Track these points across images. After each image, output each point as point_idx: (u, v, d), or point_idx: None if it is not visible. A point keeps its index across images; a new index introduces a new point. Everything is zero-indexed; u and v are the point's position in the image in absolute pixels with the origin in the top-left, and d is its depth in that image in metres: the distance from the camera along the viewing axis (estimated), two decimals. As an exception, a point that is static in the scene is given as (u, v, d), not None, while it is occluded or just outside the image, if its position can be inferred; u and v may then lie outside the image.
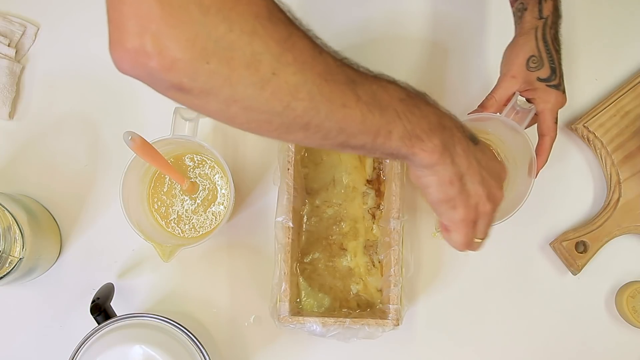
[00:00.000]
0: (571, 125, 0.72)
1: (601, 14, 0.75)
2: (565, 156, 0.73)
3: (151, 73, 0.34)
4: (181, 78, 0.34)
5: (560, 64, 0.59)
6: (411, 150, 0.44)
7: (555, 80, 0.59)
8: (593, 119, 0.70)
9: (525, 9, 0.60)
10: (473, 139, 0.49)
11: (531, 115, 0.61)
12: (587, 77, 0.74)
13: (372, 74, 0.43)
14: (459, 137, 0.47)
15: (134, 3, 0.33)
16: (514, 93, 0.60)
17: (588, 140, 0.71)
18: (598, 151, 0.71)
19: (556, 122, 0.61)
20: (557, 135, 0.61)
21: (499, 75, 0.62)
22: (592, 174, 0.73)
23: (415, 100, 0.44)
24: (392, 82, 0.44)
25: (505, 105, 0.61)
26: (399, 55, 0.74)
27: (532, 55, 0.59)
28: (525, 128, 0.62)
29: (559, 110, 0.61)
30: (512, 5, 0.63)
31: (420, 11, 0.75)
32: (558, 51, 0.59)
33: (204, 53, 0.34)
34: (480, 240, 0.52)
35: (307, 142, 0.41)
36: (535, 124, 0.63)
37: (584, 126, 0.70)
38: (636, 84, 0.71)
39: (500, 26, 0.74)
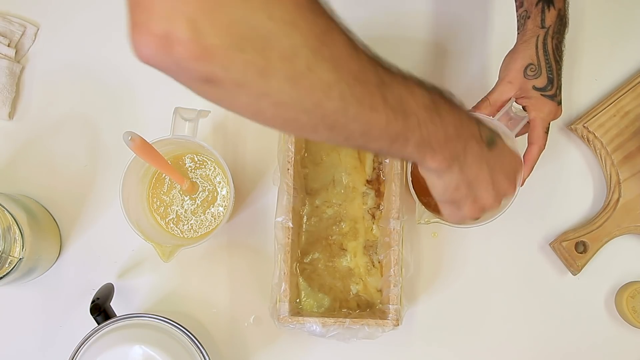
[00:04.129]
0: (571, 125, 0.72)
1: (601, 13, 0.75)
2: (564, 156, 0.73)
3: (179, 62, 0.31)
4: (213, 68, 0.31)
5: (559, 75, 0.59)
6: (421, 158, 0.44)
7: (551, 90, 0.59)
8: (593, 119, 0.70)
9: (529, 17, 0.60)
10: (490, 142, 0.48)
11: (523, 123, 0.61)
12: (587, 77, 0.74)
13: (401, 74, 0.41)
14: (472, 145, 0.46)
15: None
16: (509, 99, 0.60)
17: (588, 140, 0.71)
18: (598, 151, 0.71)
19: (546, 133, 0.60)
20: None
21: (497, 79, 0.62)
22: (592, 174, 0.73)
23: (439, 106, 0.43)
24: (420, 85, 0.43)
25: (499, 109, 0.61)
26: (399, 55, 0.74)
27: (531, 64, 0.59)
28: (517, 136, 0.62)
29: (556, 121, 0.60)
30: (516, 11, 0.62)
31: (421, 12, 0.75)
32: (558, 62, 0.59)
33: (241, 41, 0.31)
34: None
35: (328, 141, 0.40)
36: (527, 133, 0.63)
37: (584, 126, 0.70)
38: (636, 84, 0.71)
39: (501, 27, 0.74)
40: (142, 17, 0.31)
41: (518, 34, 0.61)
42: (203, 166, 0.68)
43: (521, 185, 0.61)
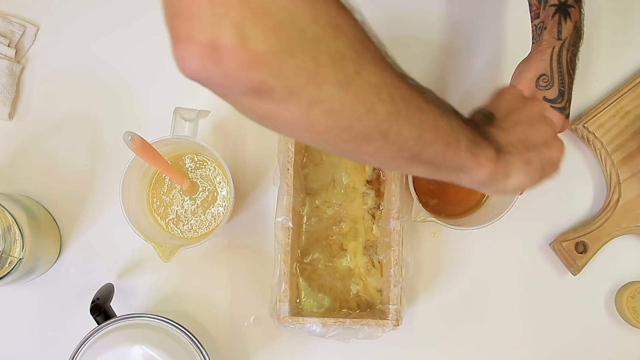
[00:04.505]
0: (571, 125, 0.72)
1: (601, 14, 0.75)
2: (564, 156, 0.73)
3: (228, 72, 0.29)
4: (264, 75, 0.30)
5: (570, 89, 0.59)
6: (477, 161, 0.42)
7: (561, 103, 0.58)
8: (593, 119, 0.70)
9: (545, 28, 0.59)
10: (491, 117, 0.48)
11: None
12: (587, 77, 0.74)
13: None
14: (492, 130, 0.46)
15: None
16: None
17: (588, 140, 0.71)
18: (598, 151, 0.71)
19: None
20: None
21: (502, 80, 0.62)
22: (592, 174, 0.73)
23: (451, 105, 0.43)
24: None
25: None
26: (400, 55, 0.74)
27: (544, 74, 0.58)
28: None
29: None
30: (532, 21, 0.62)
31: (422, 12, 0.75)
32: (571, 75, 0.59)
33: (290, 45, 0.30)
34: None
35: (379, 155, 0.38)
36: None
37: (584, 126, 0.70)
38: (636, 84, 0.71)
39: (502, 27, 0.74)
40: (185, 28, 0.29)
41: (533, 43, 0.61)
42: (203, 166, 0.68)
43: (520, 194, 0.62)
